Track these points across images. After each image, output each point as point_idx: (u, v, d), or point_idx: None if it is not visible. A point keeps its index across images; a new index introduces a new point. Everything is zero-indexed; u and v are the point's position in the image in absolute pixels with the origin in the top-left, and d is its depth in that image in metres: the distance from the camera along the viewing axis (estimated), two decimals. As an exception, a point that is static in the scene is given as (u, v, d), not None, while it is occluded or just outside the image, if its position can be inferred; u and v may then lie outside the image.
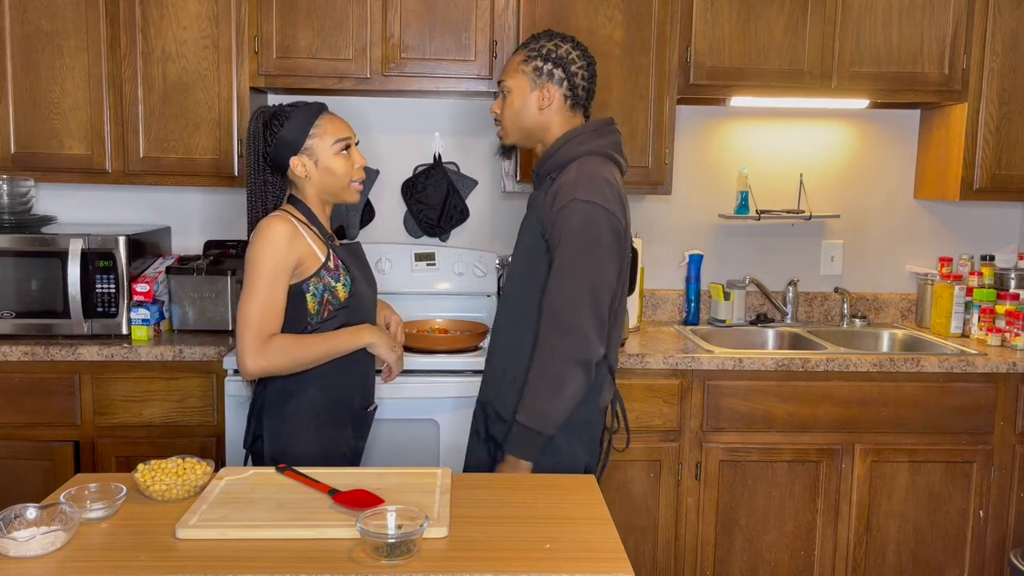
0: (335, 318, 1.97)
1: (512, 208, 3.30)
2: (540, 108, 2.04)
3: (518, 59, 2.07)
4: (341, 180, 1.99)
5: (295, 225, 1.92)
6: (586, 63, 2.06)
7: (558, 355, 1.89)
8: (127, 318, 2.75)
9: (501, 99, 2.10)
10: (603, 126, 2.06)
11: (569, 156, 2.00)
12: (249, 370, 1.88)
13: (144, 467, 1.63)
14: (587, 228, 1.89)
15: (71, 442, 2.66)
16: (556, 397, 1.89)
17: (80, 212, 3.19)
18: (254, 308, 1.87)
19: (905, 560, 2.83)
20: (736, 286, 3.29)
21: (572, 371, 1.89)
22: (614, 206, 1.93)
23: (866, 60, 2.95)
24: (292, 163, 1.96)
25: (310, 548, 1.41)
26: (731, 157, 3.35)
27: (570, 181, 1.94)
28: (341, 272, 1.98)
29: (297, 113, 1.96)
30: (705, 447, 2.74)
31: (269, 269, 1.87)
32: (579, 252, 1.89)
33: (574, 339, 1.88)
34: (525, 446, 1.91)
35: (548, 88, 2.03)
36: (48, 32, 2.80)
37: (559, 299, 1.90)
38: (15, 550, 1.36)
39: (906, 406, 2.76)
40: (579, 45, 2.07)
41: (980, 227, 3.42)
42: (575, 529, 1.52)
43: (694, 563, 2.79)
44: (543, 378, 1.89)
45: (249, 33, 2.81)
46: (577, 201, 1.90)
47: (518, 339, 2.01)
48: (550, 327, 1.90)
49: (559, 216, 1.91)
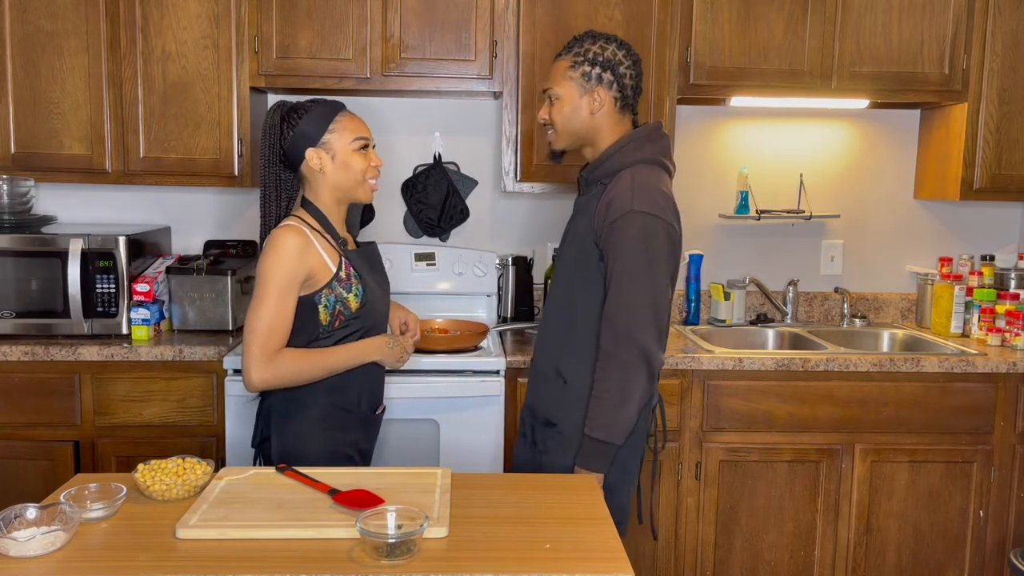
0: (347, 327, 1.97)
1: (512, 208, 3.30)
2: (592, 113, 2.02)
3: (564, 65, 2.04)
4: (356, 176, 1.98)
5: (307, 236, 1.92)
6: (632, 62, 2.04)
7: (624, 368, 1.91)
8: (127, 318, 2.75)
9: (548, 105, 2.07)
10: (653, 131, 2.05)
11: (621, 164, 2.00)
12: (253, 382, 1.88)
13: (144, 467, 1.63)
14: (645, 240, 1.91)
15: (71, 442, 2.65)
16: (624, 408, 1.92)
17: (80, 212, 3.19)
18: (262, 321, 1.87)
19: (905, 560, 2.83)
20: (736, 286, 3.29)
21: (637, 383, 1.92)
22: (669, 216, 1.95)
23: (866, 60, 2.95)
24: (308, 154, 1.95)
25: (310, 548, 1.41)
26: (731, 157, 3.35)
27: (625, 191, 1.94)
28: (353, 282, 1.97)
29: (317, 108, 1.96)
30: (705, 447, 2.74)
31: (279, 282, 1.87)
32: (638, 265, 1.91)
33: (638, 352, 1.90)
34: (597, 459, 1.94)
35: (599, 92, 2.01)
36: (48, 32, 2.80)
37: (622, 312, 1.91)
38: (15, 550, 1.36)
39: (906, 406, 2.76)
40: (624, 44, 2.04)
41: (980, 227, 3.42)
42: (575, 529, 1.52)
43: (694, 563, 2.79)
44: (610, 391, 1.92)
45: (249, 33, 2.81)
46: (634, 212, 1.91)
47: (569, 342, 2.03)
48: (613, 341, 1.92)
49: (615, 227, 1.92)
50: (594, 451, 1.93)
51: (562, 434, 2.02)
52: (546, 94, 2.08)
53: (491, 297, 3.21)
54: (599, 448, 1.93)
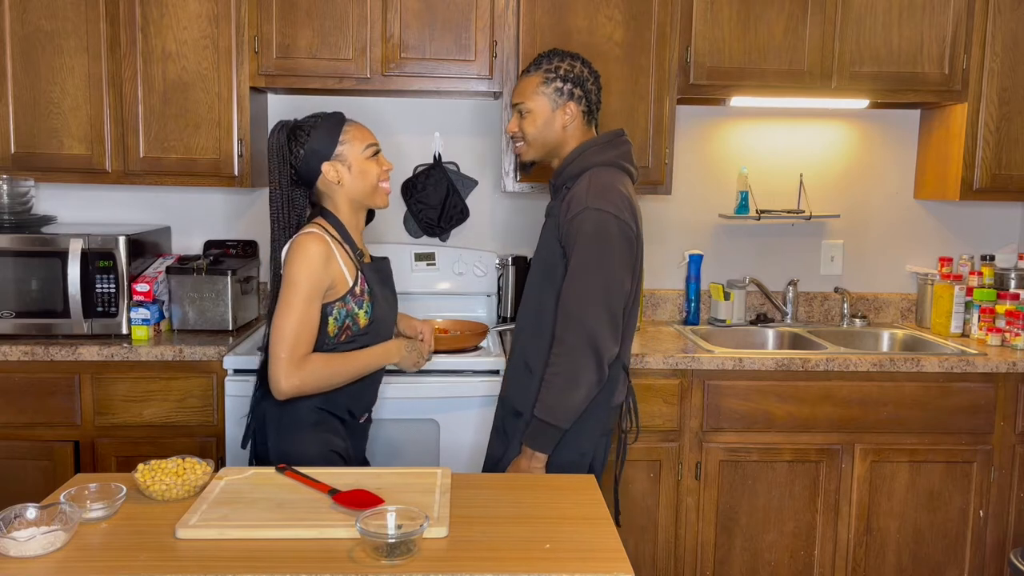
0: (352, 342, 1.98)
1: (512, 208, 3.30)
2: (564, 126, 2.16)
3: (536, 80, 2.16)
4: (372, 182, 2.01)
5: (329, 244, 1.92)
6: (595, 78, 2.19)
7: (572, 352, 1.99)
8: (127, 318, 2.75)
9: (518, 118, 2.19)
10: (614, 138, 2.16)
11: (581, 167, 2.11)
12: (283, 389, 1.88)
13: (144, 467, 1.63)
14: (599, 234, 2.00)
15: (71, 442, 2.65)
16: (571, 392, 2.00)
17: (80, 212, 3.19)
18: (290, 327, 1.87)
19: (905, 560, 2.83)
20: (736, 286, 3.29)
21: (585, 367, 1.99)
22: (624, 213, 2.03)
23: (866, 60, 2.95)
24: (324, 168, 1.96)
25: (310, 548, 1.41)
26: (731, 157, 3.35)
27: (582, 191, 2.04)
28: (365, 298, 1.99)
29: (322, 123, 1.98)
30: (705, 447, 2.74)
31: (306, 288, 1.88)
32: (591, 256, 2.00)
33: (587, 337, 1.99)
34: (542, 439, 2.02)
35: (570, 106, 2.15)
36: (48, 32, 2.80)
37: (573, 300, 2.01)
38: (15, 550, 1.36)
39: (906, 406, 2.76)
40: (585, 61, 2.19)
41: (980, 227, 3.43)
42: (575, 529, 1.52)
43: (694, 563, 2.79)
44: (558, 375, 2.00)
45: (249, 33, 2.81)
46: (589, 209, 2.01)
47: (538, 338, 2.11)
48: (564, 326, 2.01)
49: (572, 223, 2.03)
50: (539, 431, 2.02)
51: (527, 423, 2.08)
52: (516, 108, 2.20)
53: (491, 297, 3.21)
54: (544, 429, 2.01)
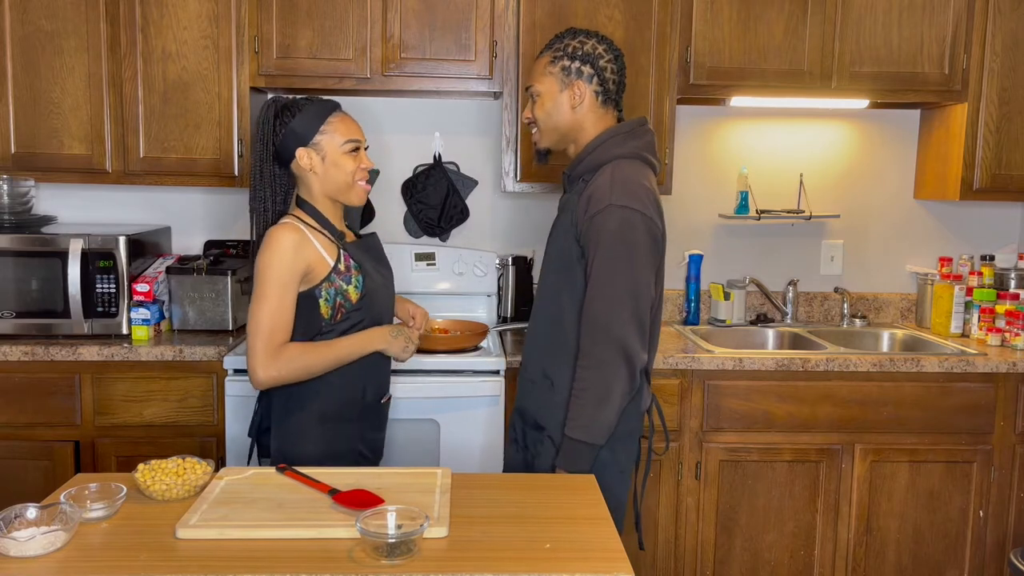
0: (348, 319, 1.97)
1: (512, 208, 3.30)
2: (572, 107, 2.00)
3: (544, 61, 2.02)
4: (346, 178, 1.97)
5: (303, 232, 1.91)
6: (614, 56, 2.01)
7: (602, 365, 1.86)
8: (127, 318, 2.75)
9: (531, 104, 2.06)
10: (637, 127, 2.01)
11: (603, 159, 1.96)
12: (260, 379, 1.88)
13: (144, 467, 1.63)
14: (624, 233, 1.86)
15: (71, 442, 2.66)
16: (604, 407, 1.87)
17: (80, 212, 3.19)
18: (264, 318, 1.86)
19: (905, 560, 2.83)
20: (736, 286, 3.29)
21: (617, 379, 1.86)
22: (650, 210, 1.89)
23: (866, 60, 2.95)
24: (298, 154, 1.94)
25: (310, 548, 1.41)
26: (731, 157, 3.35)
27: (604, 185, 1.89)
28: (353, 273, 1.97)
29: (311, 107, 1.95)
30: (705, 447, 2.74)
31: (277, 278, 1.87)
32: (617, 259, 1.86)
33: (617, 348, 1.85)
34: (578, 460, 1.89)
35: (578, 86, 1.98)
36: (48, 32, 2.80)
37: (600, 308, 1.87)
38: (15, 550, 1.36)
39: (906, 406, 2.76)
40: (604, 39, 2.02)
41: (980, 227, 3.43)
42: (575, 529, 1.51)
43: (694, 563, 2.79)
44: (588, 390, 1.87)
45: (249, 33, 2.81)
46: (613, 207, 1.86)
47: (554, 343, 1.98)
48: (591, 337, 1.87)
49: (594, 221, 1.88)
50: (574, 452, 1.89)
51: (551, 438, 1.99)
52: (528, 92, 2.07)
53: (491, 297, 3.21)
54: (579, 448, 1.88)
